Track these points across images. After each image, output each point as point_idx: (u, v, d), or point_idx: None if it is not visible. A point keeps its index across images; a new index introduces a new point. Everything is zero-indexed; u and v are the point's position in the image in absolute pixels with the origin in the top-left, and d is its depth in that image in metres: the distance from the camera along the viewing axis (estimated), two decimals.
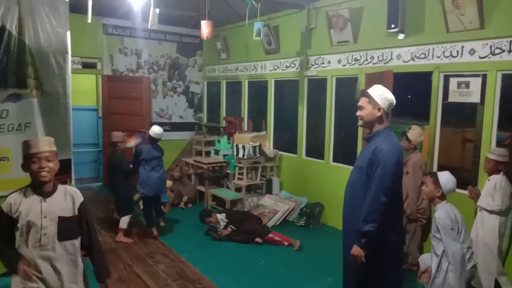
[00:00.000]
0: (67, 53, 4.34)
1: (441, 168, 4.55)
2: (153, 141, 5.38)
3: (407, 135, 4.31)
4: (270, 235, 5.16)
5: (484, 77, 4.15)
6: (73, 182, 4.52)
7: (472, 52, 4.21)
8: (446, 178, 3.22)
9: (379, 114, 2.63)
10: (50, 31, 4.21)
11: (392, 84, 4.53)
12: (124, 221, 5.18)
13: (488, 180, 3.81)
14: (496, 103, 4.06)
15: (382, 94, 2.64)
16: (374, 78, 4.81)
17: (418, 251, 4.47)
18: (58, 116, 4.33)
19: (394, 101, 2.67)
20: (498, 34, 3.97)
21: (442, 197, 3.19)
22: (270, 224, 5.93)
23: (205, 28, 5.72)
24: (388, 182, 2.49)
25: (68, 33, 4.34)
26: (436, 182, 3.21)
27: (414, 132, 4.31)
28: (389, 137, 2.64)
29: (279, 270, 4.42)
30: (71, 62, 4.50)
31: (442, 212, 3.12)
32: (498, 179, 3.74)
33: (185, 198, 6.84)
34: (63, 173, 4.42)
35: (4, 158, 4.09)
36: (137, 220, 5.87)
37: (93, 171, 8.62)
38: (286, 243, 5.08)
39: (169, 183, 6.82)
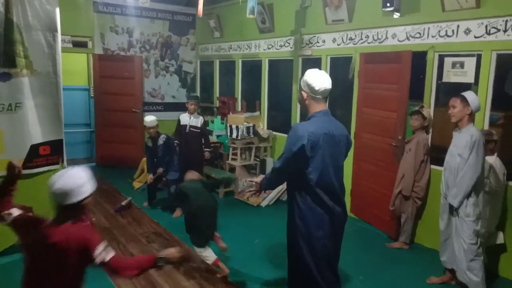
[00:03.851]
0: (56, 31, 4.24)
1: (435, 147, 4.58)
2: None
3: (423, 114, 4.39)
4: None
5: (479, 57, 4.13)
6: (65, 162, 4.49)
7: (467, 31, 4.18)
8: (472, 96, 3.46)
9: (305, 98, 2.67)
10: (39, 8, 4.10)
11: (411, 64, 4.48)
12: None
13: None
14: (490, 84, 4.05)
15: (304, 79, 2.66)
16: (388, 58, 4.79)
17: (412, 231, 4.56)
18: (49, 96, 4.26)
19: (319, 86, 2.59)
20: (494, 13, 3.93)
21: (471, 117, 3.43)
22: (264, 204, 5.98)
23: (199, 5, 5.61)
24: (289, 156, 2.57)
25: (58, 11, 4.24)
26: (464, 100, 3.41)
27: (427, 110, 4.45)
28: (315, 121, 2.61)
29: (273, 249, 4.47)
30: (61, 40, 4.41)
31: (476, 131, 3.37)
32: (493, 160, 3.77)
33: None
34: (55, 153, 4.40)
35: None
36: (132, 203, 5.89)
37: (86, 152, 8.57)
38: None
39: None
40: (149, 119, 5.56)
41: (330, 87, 2.64)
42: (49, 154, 4.35)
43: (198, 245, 3.73)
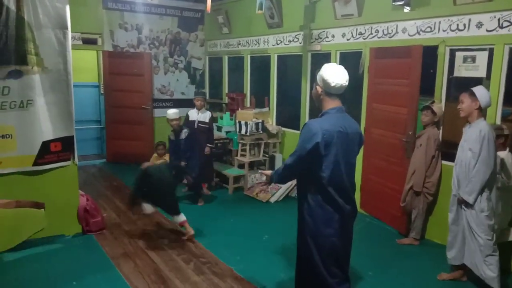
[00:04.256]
0: (67, 28, 4.27)
1: (446, 143, 4.53)
2: None
3: (432, 109, 4.35)
4: None
5: (491, 51, 4.07)
6: (76, 159, 4.53)
7: (479, 25, 4.12)
8: (481, 91, 3.44)
9: (319, 93, 2.60)
10: (49, 6, 4.13)
11: (421, 59, 4.42)
12: None
13: None
14: (502, 78, 3.98)
15: (320, 73, 2.57)
16: (398, 53, 4.73)
17: (423, 227, 4.53)
18: (60, 93, 4.30)
19: (335, 82, 2.50)
20: (507, 6, 3.86)
21: (480, 111, 3.42)
22: (273, 200, 5.98)
23: (208, 1, 5.60)
24: (302, 154, 2.51)
25: (68, 8, 4.26)
26: (472, 95, 3.41)
27: (438, 106, 4.39)
28: (328, 118, 2.55)
29: (282, 245, 4.48)
30: (71, 38, 4.44)
31: (486, 125, 3.36)
32: (505, 155, 3.73)
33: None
34: (66, 150, 4.44)
35: (8, 136, 4.09)
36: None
37: (97, 148, 8.65)
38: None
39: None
40: (171, 111, 5.44)
41: (347, 83, 2.55)
42: (60, 150, 4.39)
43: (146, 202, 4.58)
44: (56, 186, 4.39)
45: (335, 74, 2.53)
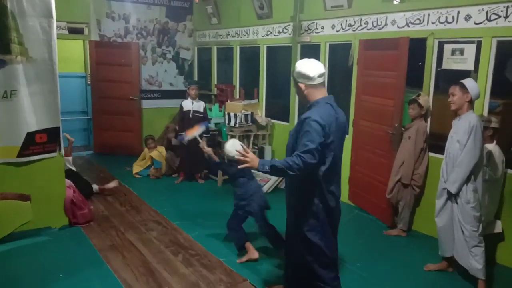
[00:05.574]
0: (52, 17, 4.18)
1: (433, 135, 4.56)
2: None
3: (419, 102, 4.37)
4: None
5: (479, 44, 4.09)
6: (62, 150, 4.46)
7: (467, 18, 4.13)
8: (471, 83, 3.48)
9: (303, 89, 2.63)
10: None
11: (408, 51, 4.43)
12: None
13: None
14: (489, 71, 4.01)
15: (296, 71, 2.63)
16: (386, 45, 4.73)
17: (410, 218, 4.58)
18: (45, 83, 4.22)
19: (314, 72, 2.57)
20: None
21: (470, 104, 3.45)
22: None
23: None
24: (319, 148, 2.42)
25: None
26: (463, 88, 3.44)
27: (424, 99, 4.42)
28: (323, 108, 2.56)
29: None
30: (57, 27, 4.36)
31: (475, 117, 3.38)
32: (492, 148, 3.77)
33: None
34: (52, 141, 4.37)
35: None
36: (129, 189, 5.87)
37: (84, 139, 8.55)
38: None
39: (161, 149, 6.79)
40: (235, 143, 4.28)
41: (324, 70, 2.64)
42: (45, 142, 4.32)
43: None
44: (42, 178, 4.33)
45: (311, 66, 2.61)
